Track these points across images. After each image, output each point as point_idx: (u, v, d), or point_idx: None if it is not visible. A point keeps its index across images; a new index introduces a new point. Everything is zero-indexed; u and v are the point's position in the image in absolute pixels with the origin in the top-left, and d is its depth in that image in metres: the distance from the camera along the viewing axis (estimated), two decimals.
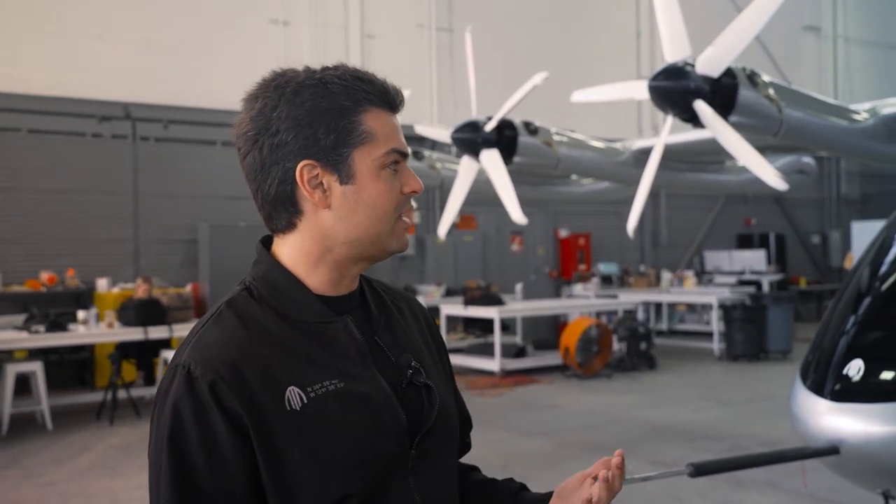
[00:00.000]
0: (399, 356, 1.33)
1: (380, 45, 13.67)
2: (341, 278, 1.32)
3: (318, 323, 1.27)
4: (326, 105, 1.24)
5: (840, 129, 5.80)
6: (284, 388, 1.20)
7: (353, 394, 1.24)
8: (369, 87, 1.27)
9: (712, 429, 7.53)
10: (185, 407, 1.17)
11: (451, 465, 1.40)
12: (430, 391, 1.33)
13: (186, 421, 1.17)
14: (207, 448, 1.16)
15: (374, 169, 1.27)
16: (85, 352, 10.28)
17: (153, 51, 11.68)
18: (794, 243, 19.00)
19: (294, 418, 1.19)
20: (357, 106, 1.26)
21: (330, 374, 1.24)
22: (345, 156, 1.25)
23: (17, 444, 7.32)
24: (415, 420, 1.29)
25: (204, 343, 1.22)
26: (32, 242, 10.88)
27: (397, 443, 1.26)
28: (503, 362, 10.75)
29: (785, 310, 11.90)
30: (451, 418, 1.39)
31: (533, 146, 7.14)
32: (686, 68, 5.14)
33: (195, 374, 1.18)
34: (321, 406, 1.21)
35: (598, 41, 16.05)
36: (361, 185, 1.26)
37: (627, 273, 15.87)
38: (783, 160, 8.74)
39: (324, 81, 1.25)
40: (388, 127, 1.28)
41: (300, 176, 1.25)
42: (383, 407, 1.26)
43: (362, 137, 1.26)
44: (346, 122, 1.25)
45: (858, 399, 3.21)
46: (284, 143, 1.25)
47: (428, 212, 14.01)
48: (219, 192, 11.73)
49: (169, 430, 1.17)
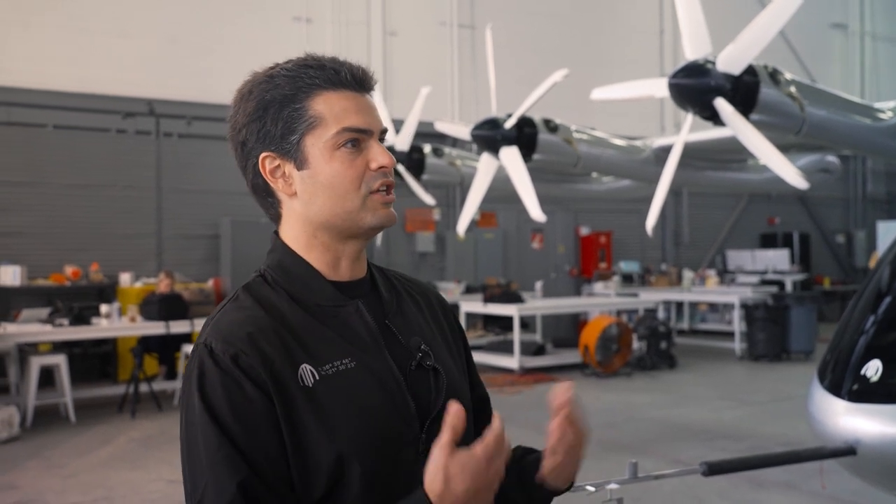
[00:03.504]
0: (409, 339, 1.36)
1: (402, 42, 13.69)
2: (337, 260, 1.35)
3: (331, 306, 1.32)
4: (270, 97, 1.30)
5: (864, 127, 5.74)
6: (298, 365, 1.23)
7: (365, 374, 1.27)
8: (316, 73, 1.30)
9: (732, 429, 7.49)
10: (212, 378, 1.20)
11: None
12: (437, 375, 1.35)
13: (215, 390, 1.20)
14: (241, 414, 1.19)
15: (326, 150, 1.29)
16: (108, 345, 10.40)
17: (177, 48, 11.78)
18: (819, 243, 18.81)
19: (307, 394, 1.22)
20: (300, 93, 1.29)
21: (342, 355, 1.27)
22: (294, 142, 1.30)
23: (41, 435, 7.41)
24: (423, 404, 1.31)
25: (222, 324, 1.27)
26: (57, 237, 11.02)
27: (408, 424, 1.28)
28: (522, 360, 10.74)
29: (808, 310, 11.79)
30: (462, 402, 1.39)
31: (553, 144, 7.12)
32: (707, 66, 5.10)
33: (216, 349, 1.22)
34: (333, 384, 1.24)
35: (621, 38, 15.97)
36: (316, 169, 1.30)
37: (648, 272, 15.78)
38: (806, 159, 8.66)
39: (272, 76, 1.31)
40: (337, 107, 1.29)
41: (263, 167, 1.32)
42: (394, 389, 1.29)
43: (309, 122, 1.29)
44: (289, 109, 1.29)
45: (876, 400, 3.18)
46: (247, 140, 1.32)
47: (448, 209, 14.01)
48: (241, 188, 11.27)
49: (201, 398, 1.20)
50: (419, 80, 10.81)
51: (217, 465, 1.17)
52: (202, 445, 1.19)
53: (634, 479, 3.19)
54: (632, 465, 3.22)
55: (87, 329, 8.44)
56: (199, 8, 11.97)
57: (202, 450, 1.19)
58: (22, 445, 7.05)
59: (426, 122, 9.21)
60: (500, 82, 7.52)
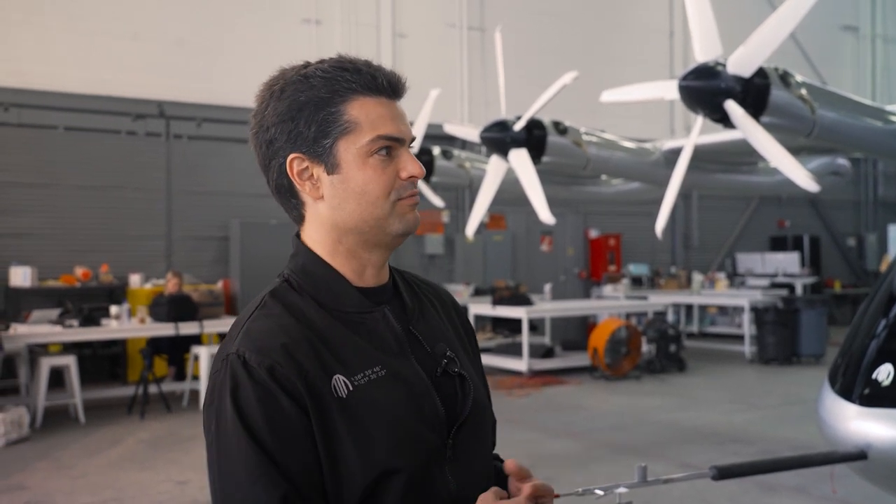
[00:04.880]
0: (434, 345, 1.35)
1: (411, 44, 13.70)
2: (362, 268, 1.33)
3: (358, 313, 1.30)
4: (304, 98, 1.27)
5: (875, 130, 5.71)
6: (332, 376, 1.22)
7: (396, 382, 1.26)
8: (353, 77, 1.27)
9: (742, 432, 7.46)
10: (247, 391, 1.19)
11: (486, 454, 1.41)
12: (463, 381, 1.34)
13: (250, 404, 1.18)
14: (277, 427, 1.18)
15: (359, 157, 1.27)
16: (117, 346, 10.43)
17: (187, 50, 11.81)
18: (829, 246, 18.72)
19: (341, 404, 1.21)
20: (336, 96, 1.27)
21: (372, 363, 1.26)
22: (328, 146, 1.27)
23: (50, 436, 7.44)
24: (451, 410, 1.31)
25: (254, 333, 1.25)
26: (67, 238, 11.06)
27: (436, 431, 1.28)
28: (531, 362, 10.73)
29: (818, 313, 11.74)
30: (485, 409, 1.41)
31: (562, 146, 7.11)
32: (717, 68, 5.08)
33: (250, 361, 1.20)
34: (365, 394, 1.23)
35: (631, 40, 15.95)
36: (348, 174, 1.28)
37: (658, 274, 15.74)
38: (817, 161, 8.62)
39: (306, 76, 1.28)
40: (373, 114, 1.27)
41: (290, 169, 1.29)
42: (423, 395, 1.28)
43: (344, 127, 1.27)
44: (325, 113, 1.27)
45: (887, 404, 3.16)
46: (275, 139, 1.29)
47: (457, 211, 14.01)
48: (250, 190, 11.83)
49: (235, 412, 1.18)
50: (428, 82, 10.78)
51: (257, 481, 1.16)
52: (238, 460, 1.18)
53: (644, 482, 3.17)
54: (641, 468, 3.20)
55: (97, 330, 8.47)
56: (208, 10, 12.01)
57: (238, 464, 1.18)
58: (31, 446, 7.08)
59: (435, 124, 9.21)
60: (510, 84, 7.52)
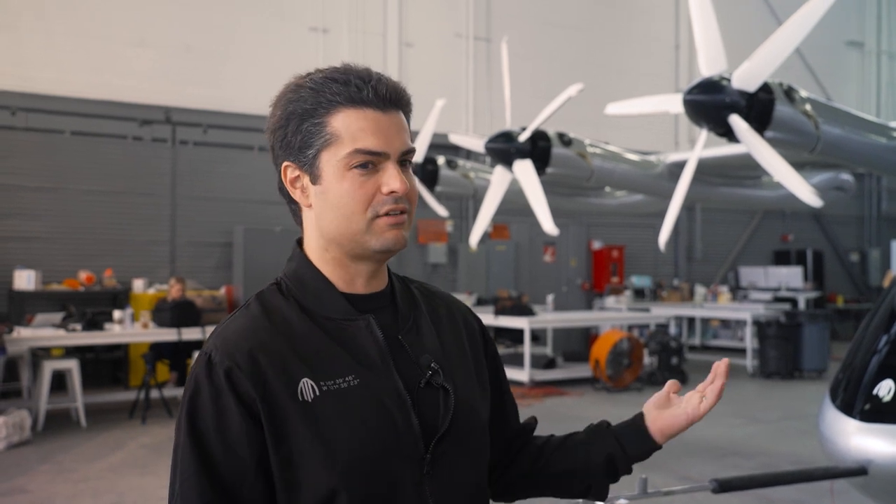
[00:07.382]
0: (419, 356, 1.33)
1: (417, 53, 13.75)
2: (350, 277, 1.33)
3: (341, 320, 1.30)
4: (292, 108, 1.28)
5: (879, 146, 5.73)
6: (298, 380, 1.23)
7: (367, 392, 1.25)
8: (339, 88, 1.26)
9: (743, 446, 7.45)
10: (204, 392, 1.22)
11: (474, 469, 1.36)
12: (446, 394, 1.32)
13: (204, 404, 1.22)
14: (222, 430, 1.21)
15: (339, 170, 1.26)
16: (120, 351, 10.46)
17: (194, 56, 11.87)
18: (833, 261, 18.72)
19: (305, 409, 1.22)
20: (320, 108, 1.27)
21: (346, 371, 1.25)
22: (311, 157, 1.28)
23: (52, 440, 7.45)
24: (430, 423, 1.29)
25: (227, 332, 1.28)
26: (72, 242, 11.09)
27: (410, 445, 1.26)
28: (533, 373, 10.72)
29: (821, 328, 11.72)
30: (475, 422, 1.36)
31: (566, 157, 7.14)
32: (722, 82, 5.11)
33: (214, 360, 1.23)
34: (332, 401, 1.23)
35: (636, 53, 15.99)
36: (326, 186, 1.28)
37: (660, 287, 15.74)
38: (821, 176, 8.64)
39: (299, 86, 1.29)
40: (354, 127, 1.26)
41: (284, 175, 1.32)
42: (396, 409, 1.26)
43: (326, 139, 1.26)
44: (308, 124, 1.27)
45: (888, 420, 3.17)
46: (273, 145, 1.33)
47: (461, 220, 14.03)
48: (255, 197, 11.88)
49: (188, 412, 1.23)
50: (434, 91, 10.83)
51: (186, 481, 1.21)
52: (180, 460, 1.22)
53: (644, 494, 3.19)
54: (642, 480, 3.22)
55: (100, 334, 8.48)
56: (216, 17, 12.06)
57: (183, 461, 1.22)
58: (33, 449, 7.09)
59: (440, 134, 9.25)
60: (515, 95, 7.56)
